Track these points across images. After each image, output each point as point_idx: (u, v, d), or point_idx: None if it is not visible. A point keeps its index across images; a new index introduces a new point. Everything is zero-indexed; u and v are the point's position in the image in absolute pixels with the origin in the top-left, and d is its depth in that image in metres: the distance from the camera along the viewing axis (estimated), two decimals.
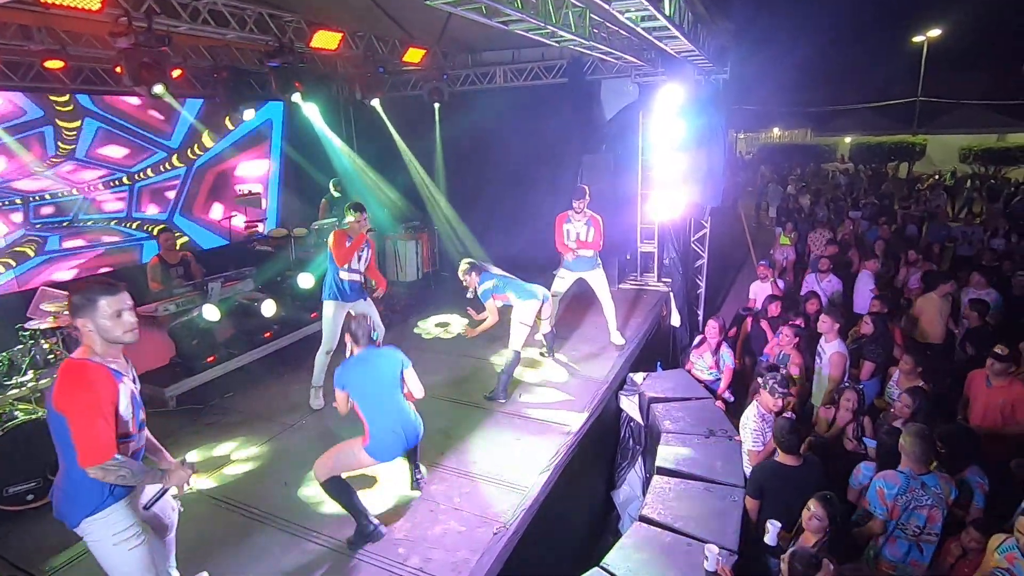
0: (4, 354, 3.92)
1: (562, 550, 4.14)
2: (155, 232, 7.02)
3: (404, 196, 9.09)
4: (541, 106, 8.02)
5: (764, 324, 5.67)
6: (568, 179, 8.08)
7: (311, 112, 8.20)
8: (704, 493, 3.78)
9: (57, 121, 6.33)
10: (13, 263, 6.17)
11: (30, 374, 3.92)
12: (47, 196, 6.42)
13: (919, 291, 6.29)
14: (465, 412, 4.70)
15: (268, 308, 5.55)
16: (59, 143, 6.37)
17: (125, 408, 2.16)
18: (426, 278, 8.20)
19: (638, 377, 5.42)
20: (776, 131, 31.05)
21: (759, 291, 6.67)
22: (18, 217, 6.22)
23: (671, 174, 7.12)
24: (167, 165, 7.57)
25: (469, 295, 5.03)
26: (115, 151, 6.97)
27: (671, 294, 7.57)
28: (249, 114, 7.35)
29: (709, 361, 5.24)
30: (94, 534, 2.18)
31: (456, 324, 6.68)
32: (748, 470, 3.94)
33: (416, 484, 3.68)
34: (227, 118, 7.87)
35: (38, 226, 6.40)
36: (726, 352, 5.13)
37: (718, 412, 4.79)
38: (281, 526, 3.40)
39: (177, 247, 6.27)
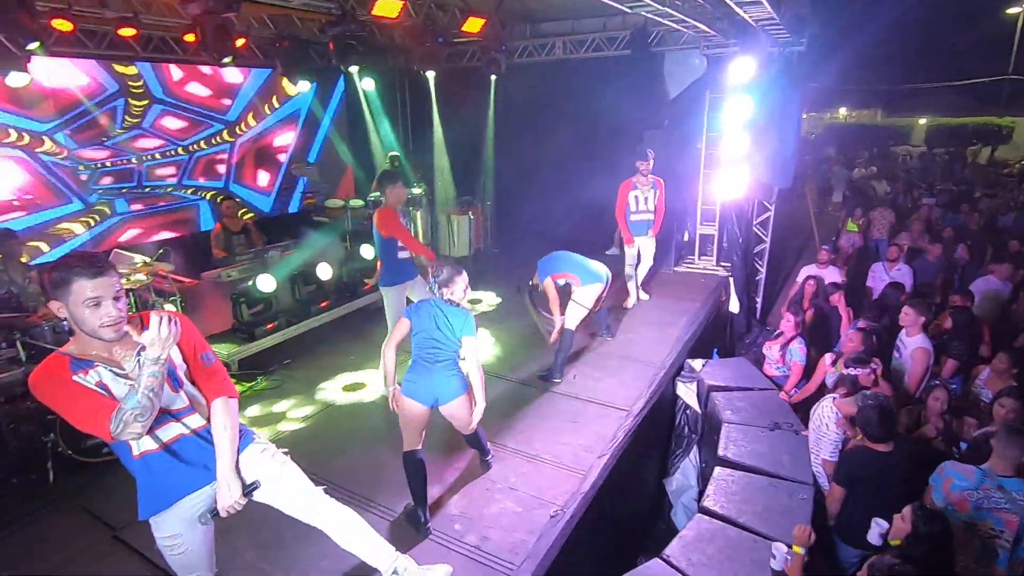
0: None
1: (615, 536, 4.06)
2: (218, 200, 7.21)
3: (457, 170, 9.02)
4: (600, 79, 7.74)
5: (843, 312, 5.36)
6: (626, 156, 7.81)
7: (367, 84, 8.21)
8: (769, 488, 3.60)
9: (129, 99, 6.51)
10: (92, 222, 6.43)
11: None
12: (108, 164, 6.64)
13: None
14: (519, 391, 4.65)
15: (324, 271, 5.62)
16: (127, 116, 6.55)
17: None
18: (477, 254, 8.15)
19: (697, 364, 5.22)
20: (843, 111, 29.30)
21: (815, 275, 6.24)
22: (91, 183, 6.47)
23: (737, 153, 6.76)
24: (219, 138, 7.71)
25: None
26: (174, 123, 7.14)
27: (730, 279, 7.26)
28: (304, 85, 7.37)
29: (776, 354, 4.98)
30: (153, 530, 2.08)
31: (505, 300, 6.62)
32: (818, 472, 3.74)
33: (485, 464, 3.66)
34: (278, 91, 7.92)
35: (100, 192, 6.64)
36: (796, 348, 4.84)
37: (783, 405, 4.56)
38: (337, 492, 3.42)
39: (239, 215, 6.40)
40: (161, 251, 5.16)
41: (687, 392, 5.12)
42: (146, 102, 6.70)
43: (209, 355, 2.10)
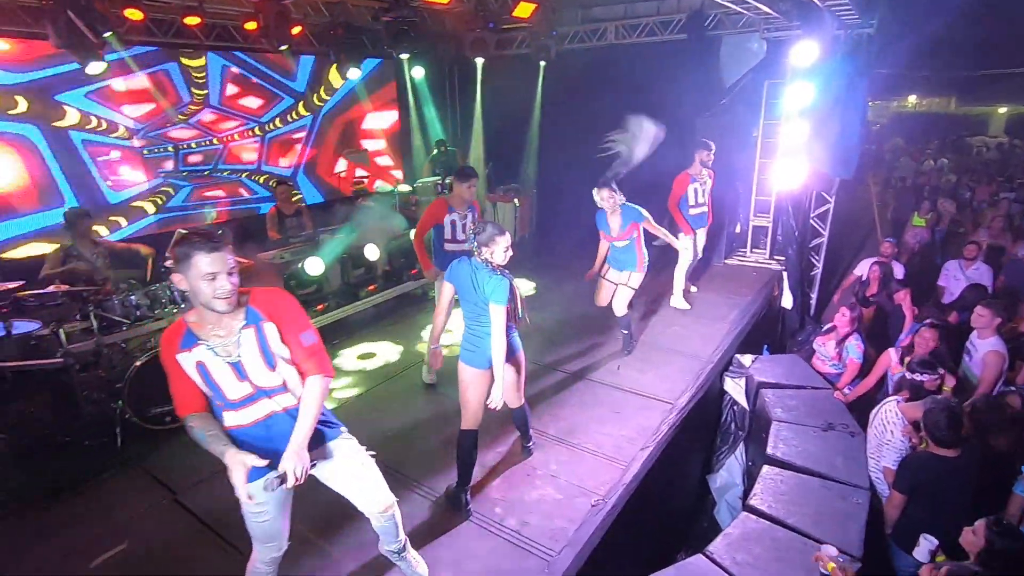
0: (152, 288, 4.27)
1: (655, 530, 4.00)
2: (273, 184, 7.45)
3: (503, 157, 9.00)
4: (652, 66, 7.52)
5: (908, 310, 5.09)
6: (678, 144, 7.60)
7: (417, 72, 8.28)
8: (821, 490, 3.46)
9: (192, 88, 6.77)
10: (160, 202, 6.76)
11: (171, 307, 4.27)
12: (193, 145, 6.94)
13: None
14: (560, 379, 4.62)
15: (372, 252, 5.73)
16: (192, 89, 6.80)
17: (192, 375, 1.99)
18: (521, 241, 8.14)
19: (746, 359, 5.06)
20: (912, 99, 27.54)
21: (872, 270, 5.88)
22: (169, 164, 6.77)
23: (796, 141, 6.46)
24: (294, 114, 7.91)
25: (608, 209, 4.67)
26: (247, 100, 7.37)
27: (784, 273, 6.98)
28: (355, 72, 7.49)
29: (831, 351, 4.77)
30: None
31: (543, 290, 6.58)
32: (876, 479, 3.56)
33: (526, 450, 3.66)
34: (331, 77, 8.06)
35: (184, 174, 6.93)
36: (853, 344, 4.61)
37: (838, 405, 4.36)
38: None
39: (292, 199, 6.59)
40: (220, 232, 5.36)
41: (735, 388, 4.97)
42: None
43: (308, 335, 2.12)
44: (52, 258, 4.43)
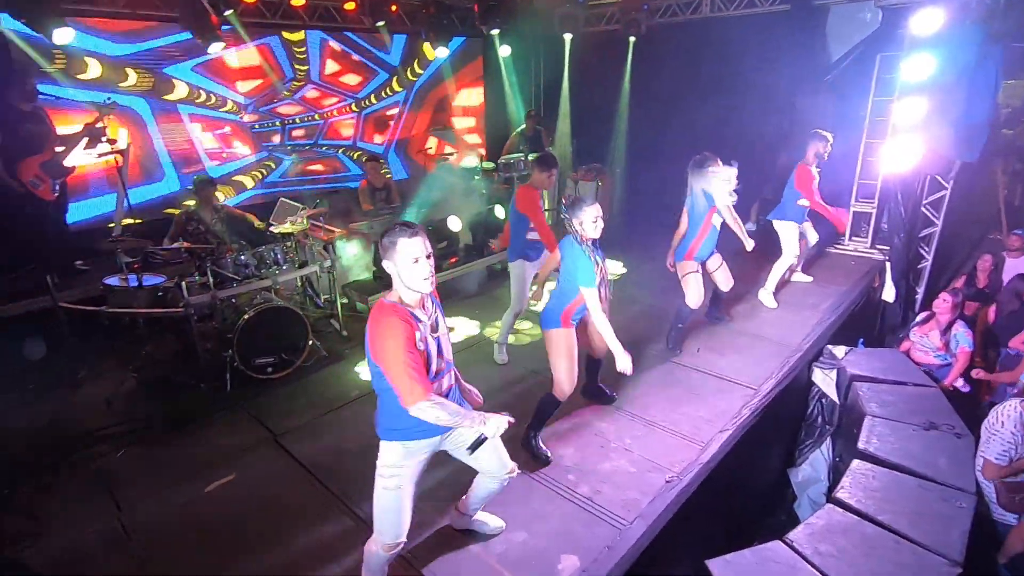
0: (259, 249, 4.63)
1: (729, 515, 3.90)
2: (364, 160, 7.80)
3: (588, 136, 8.89)
4: (750, 41, 7.12)
5: None
6: (775, 125, 7.20)
7: (504, 50, 8.33)
8: (919, 491, 3.23)
9: (295, 64, 7.18)
10: (260, 176, 7.29)
11: (273, 268, 4.63)
12: (296, 120, 7.39)
13: None
14: (636, 356, 4.53)
15: (454, 223, 5.90)
16: (295, 65, 7.22)
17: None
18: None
19: (839, 351, 4.76)
20: None
21: (984, 261, 5.31)
22: (276, 139, 7.28)
23: (911, 120, 5.91)
24: (388, 91, 8.22)
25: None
26: (345, 76, 7.71)
27: (887, 264, 6.46)
28: (443, 51, 7.64)
29: (937, 341, 4.39)
30: (380, 451, 2.28)
31: (631, 271, 6.50)
32: (985, 485, 3.28)
33: (610, 399, 3.90)
34: (420, 57, 8.25)
35: (288, 149, 7.41)
36: (962, 332, 4.23)
37: (943, 403, 4.03)
38: None
39: (382, 172, 6.88)
40: (318, 201, 5.72)
41: (825, 380, 4.71)
42: (307, 68, 7.35)
43: None
44: (178, 220, 4.92)
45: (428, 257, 2.11)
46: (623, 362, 3.14)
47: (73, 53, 5.37)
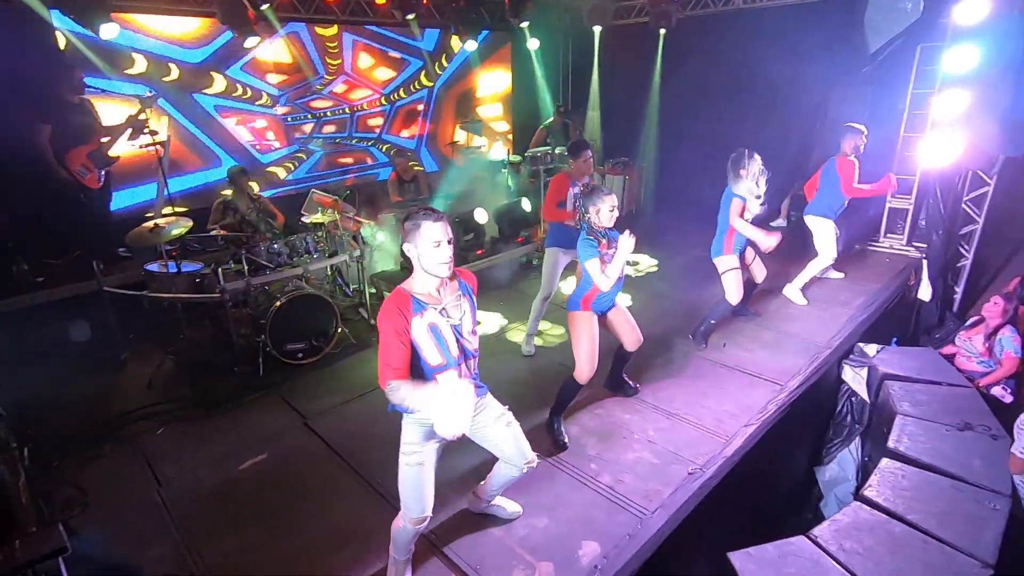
0: (291, 238, 4.76)
1: (753, 511, 3.87)
2: (392, 152, 7.91)
3: (617, 129, 8.84)
4: (784, 32, 6.99)
5: None
6: (809, 119, 7.05)
7: (532, 43, 8.33)
8: (951, 491, 3.16)
9: (326, 58, 7.30)
10: (292, 167, 7.46)
11: (305, 257, 4.75)
12: (328, 113, 7.54)
13: None
14: (662, 349, 4.56)
15: (480, 216, 5.94)
16: (326, 59, 7.35)
17: (423, 341, 2.17)
18: (629, 216, 8.00)
19: (870, 349, 4.67)
20: None
21: None
22: (306, 130, 7.42)
23: (952, 113, 5.72)
24: (416, 84, 8.32)
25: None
26: (376, 70, 7.84)
27: (924, 262, 6.28)
28: (471, 44, 7.67)
29: (979, 346, 4.26)
30: (404, 417, 2.30)
31: (662, 265, 6.46)
32: (1018, 481, 3.18)
33: (633, 390, 3.93)
34: (447, 50, 8.30)
35: (320, 141, 7.56)
36: (1008, 337, 4.09)
37: (979, 404, 3.92)
38: None
39: (410, 165, 6.97)
40: (347, 192, 5.84)
41: (855, 378, 4.62)
42: (339, 62, 7.47)
43: None
44: (216, 208, 5.09)
45: (449, 243, 2.16)
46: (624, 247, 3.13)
47: (118, 48, 5.57)
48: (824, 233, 5.24)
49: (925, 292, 6.25)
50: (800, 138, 6.96)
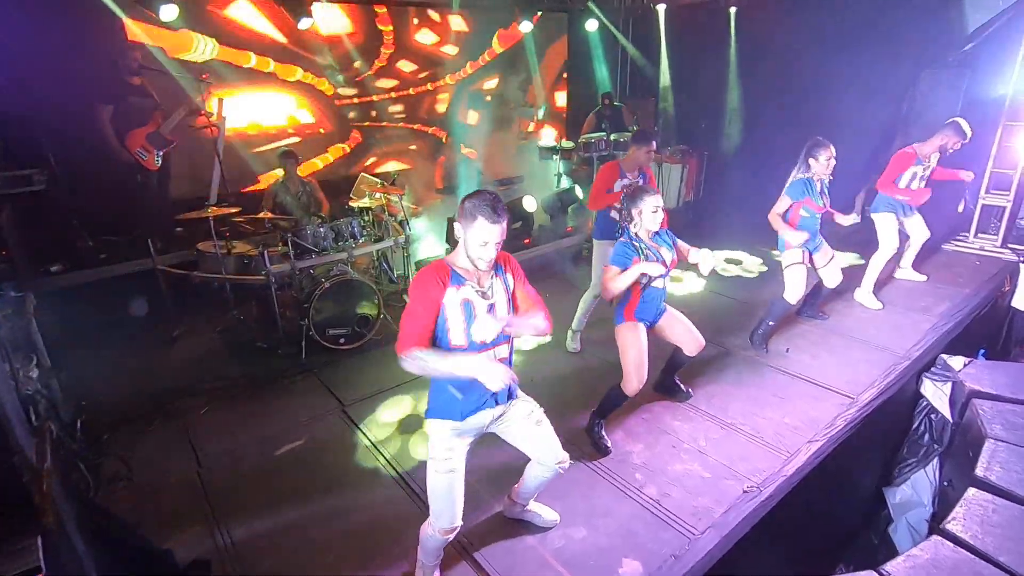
0: (337, 222, 4.72)
1: (813, 534, 3.56)
2: (444, 138, 7.78)
3: (675, 115, 8.41)
4: (870, 7, 6.38)
5: None
6: (893, 105, 6.44)
7: (591, 25, 7.99)
8: None
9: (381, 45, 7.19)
10: (347, 150, 7.44)
11: (350, 241, 4.70)
12: (393, 95, 7.41)
13: None
14: (718, 353, 4.26)
15: (529, 203, 5.76)
16: (376, 61, 7.26)
17: (453, 314, 2.08)
18: (686, 207, 7.60)
19: (955, 362, 4.19)
20: None
21: None
22: (373, 113, 7.32)
23: None
24: (469, 68, 8.14)
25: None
26: (432, 51, 7.75)
27: (1021, 266, 5.63)
28: (527, 26, 7.42)
29: None
30: (430, 424, 2.24)
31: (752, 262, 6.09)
32: None
33: (685, 395, 3.69)
34: (501, 34, 8.06)
35: (379, 123, 7.50)
36: None
37: None
38: None
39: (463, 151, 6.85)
40: (395, 177, 5.76)
41: (936, 393, 4.17)
42: (391, 50, 7.37)
43: (531, 287, 2.32)
44: (267, 192, 5.12)
45: (497, 245, 2.07)
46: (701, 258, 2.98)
47: (178, 30, 5.66)
48: (884, 227, 4.80)
49: (1021, 300, 5.61)
50: (882, 126, 6.37)
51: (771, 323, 4.28)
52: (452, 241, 5.57)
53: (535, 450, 2.41)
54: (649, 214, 2.90)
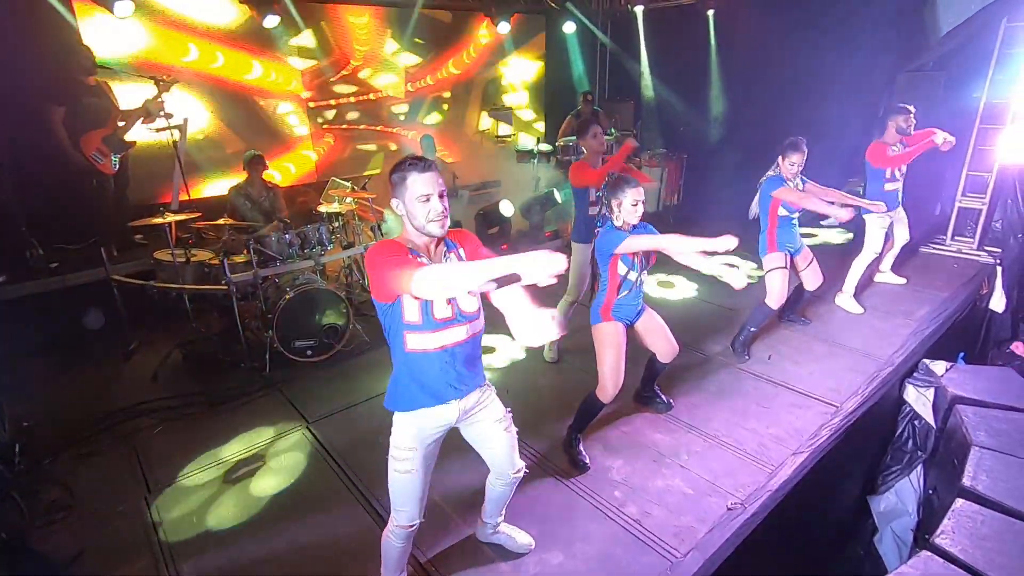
0: (304, 229, 4.51)
1: (799, 549, 3.45)
2: (419, 138, 7.58)
3: (654, 118, 8.34)
4: (844, 9, 6.38)
5: None
6: (870, 107, 6.44)
7: (568, 27, 7.90)
8: None
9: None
10: (320, 152, 7.23)
11: (317, 248, 4.49)
12: (353, 100, 7.27)
13: None
14: (699, 361, 4.15)
15: (506, 208, 5.62)
16: (355, 45, 7.06)
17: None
18: (666, 211, 7.51)
19: (938, 367, 4.13)
20: None
21: None
22: (330, 115, 7.20)
23: None
24: (445, 71, 7.97)
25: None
26: (401, 56, 7.52)
27: (998, 268, 5.64)
28: (504, 27, 7.29)
29: None
30: (395, 416, 2.11)
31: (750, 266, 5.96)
32: None
33: (666, 406, 3.56)
34: (478, 35, 7.93)
35: (344, 127, 7.29)
36: None
37: None
38: None
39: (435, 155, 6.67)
40: (366, 182, 5.57)
41: (919, 399, 4.11)
42: (367, 48, 7.18)
43: (487, 252, 2.12)
44: (229, 197, 4.88)
45: (441, 196, 1.88)
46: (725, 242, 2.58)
47: (135, 27, 5.40)
48: (873, 227, 4.75)
49: (998, 302, 5.61)
50: (859, 129, 6.35)
51: (752, 329, 4.19)
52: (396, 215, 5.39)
53: (494, 456, 2.28)
54: (629, 207, 2.81)
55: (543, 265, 1.56)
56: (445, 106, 8.11)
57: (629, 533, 2.65)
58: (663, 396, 3.58)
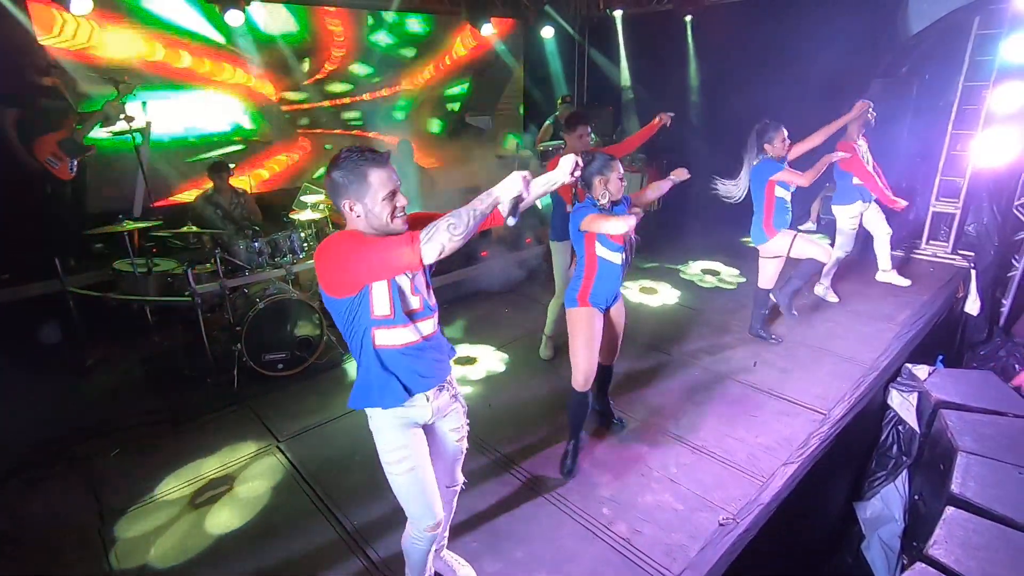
0: (274, 236, 4.33)
1: (788, 560, 3.37)
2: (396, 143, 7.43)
3: (636, 123, 8.32)
4: (820, 17, 6.43)
5: None
6: (847, 110, 6.48)
7: (547, 32, 7.85)
8: None
9: (332, 48, 6.81)
10: (295, 157, 6.99)
11: (288, 257, 4.31)
12: (328, 104, 7.07)
13: None
14: (684, 370, 4.07)
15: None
16: (326, 64, 6.91)
17: (378, 284, 1.77)
18: (647, 217, 7.47)
19: (920, 371, 4.13)
20: None
21: None
22: (305, 120, 6.99)
23: (1011, 107, 5.17)
24: (426, 74, 7.82)
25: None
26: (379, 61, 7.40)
27: (972, 272, 5.72)
28: (487, 29, 7.20)
29: None
30: (372, 422, 1.97)
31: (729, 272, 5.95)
32: None
33: (619, 423, 3.42)
34: (456, 40, 7.83)
35: (318, 131, 7.10)
36: None
37: None
38: (481, 449, 3.23)
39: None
40: None
41: (903, 404, 4.08)
42: (343, 52, 7.02)
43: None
44: (194, 204, 4.67)
45: (397, 190, 1.74)
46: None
47: (95, 25, 5.15)
48: (843, 219, 4.95)
49: (973, 305, 5.68)
50: (836, 135, 6.41)
51: (764, 312, 4.39)
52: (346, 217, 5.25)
53: (441, 467, 2.15)
54: (616, 181, 2.75)
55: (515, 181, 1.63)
56: (423, 110, 7.97)
57: (619, 553, 2.54)
58: (615, 412, 3.43)
